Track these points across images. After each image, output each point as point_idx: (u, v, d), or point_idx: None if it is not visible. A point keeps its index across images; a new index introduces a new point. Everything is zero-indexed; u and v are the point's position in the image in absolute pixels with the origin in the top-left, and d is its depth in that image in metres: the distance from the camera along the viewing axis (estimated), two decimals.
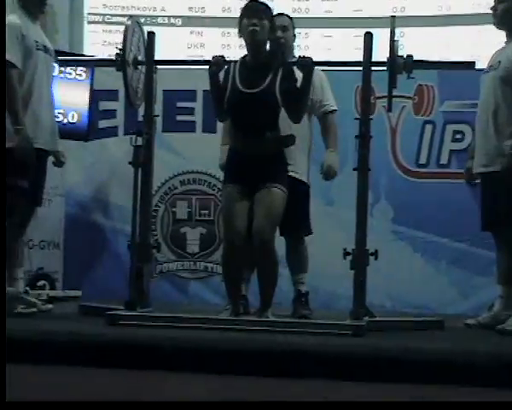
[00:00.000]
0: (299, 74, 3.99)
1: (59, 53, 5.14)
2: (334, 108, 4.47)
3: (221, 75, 4.00)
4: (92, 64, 5.35)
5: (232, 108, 3.96)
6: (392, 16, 4.04)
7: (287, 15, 4.49)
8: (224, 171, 4.07)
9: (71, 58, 5.33)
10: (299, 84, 3.95)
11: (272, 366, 3.25)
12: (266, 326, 3.80)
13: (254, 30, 3.88)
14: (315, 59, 3.98)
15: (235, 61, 3.99)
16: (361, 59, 4.02)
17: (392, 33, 3.95)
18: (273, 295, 4.00)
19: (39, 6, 4.39)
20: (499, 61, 4.18)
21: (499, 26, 4.27)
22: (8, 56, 4.12)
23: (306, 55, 3.99)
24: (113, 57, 4.17)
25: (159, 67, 4.35)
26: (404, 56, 3.98)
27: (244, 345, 3.45)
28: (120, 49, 4.16)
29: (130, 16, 4.38)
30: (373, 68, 4.03)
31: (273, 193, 3.88)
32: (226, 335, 3.66)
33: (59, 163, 4.59)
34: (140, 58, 4.29)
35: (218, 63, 3.97)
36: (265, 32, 3.93)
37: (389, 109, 4.14)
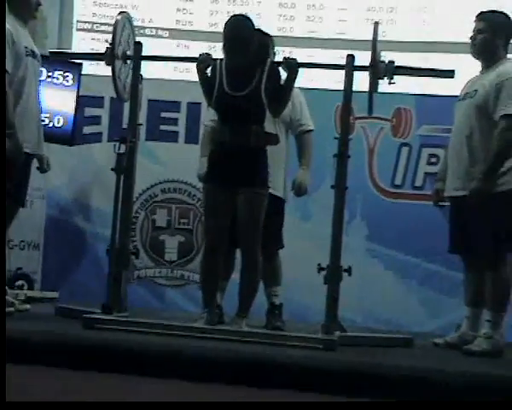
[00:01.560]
0: (283, 74, 4.03)
1: (47, 57, 5.13)
2: (311, 127, 4.48)
3: (208, 71, 4.02)
4: (82, 57, 5.28)
5: (219, 108, 4.01)
6: (375, 22, 4.02)
7: (266, 34, 4.47)
8: (207, 166, 4.05)
9: (62, 51, 5.33)
10: (282, 82, 4.00)
11: (243, 376, 3.23)
12: (239, 336, 3.78)
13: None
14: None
15: (221, 59, 4.00)
16: (343, 79, 4.03)
17: (375, 38, 3.95)
18: (251, 303, 4.01)
19: (31, 12, 4.34)
20: (475, 90, 4.17)
21: (476, 55, 4.27)
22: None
23: (291, 57, 4.04)
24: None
25: (144, 76, 4.33)
26: (386, 62, 3.99)
27: (217, 354, 3.42)
28: (110, 43, 4.13)
29: (121, 12, 4.33)
30: (353, 89, 4.04)
31: (256, 200, 3.92)
32: (200, 343, 3.63)
33: (42, 169, 4.54)
34: (129, 53, 4.25)
35: (204, 61, 4.01)
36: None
37: (370, 112, 4.13)
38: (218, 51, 4.10)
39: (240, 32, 3.89)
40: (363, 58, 4.08)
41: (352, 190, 4.34)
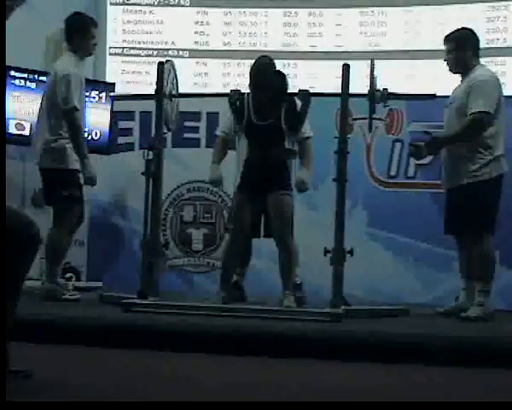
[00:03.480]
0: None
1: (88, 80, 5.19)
2: (311, 134, 4.51)
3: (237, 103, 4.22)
4: (137, 98, 5.36)
5: (249, 134, 4.22)
6: (371, 59, 4.08)
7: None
8: (240, 177, 4.25)
9: (121, 94, 5.40)
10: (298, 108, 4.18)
11: (262, 347, 3.23)
12: (258, 313, 3.79)
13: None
14: (301, 86, 4.21)
15: (248, 93, 4.17)
16: (340, 85, 4.05)
17: (372, 71, 4.03)
18: (292, 281, 4.15)
19: (89, 51, 4.53)
20: (455, 98, 4.21)
21: (454, 71, 4.28)
22: (75, 102, 4.25)
23: (304, 89, 4.21)
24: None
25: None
26: (381, 90, 4.05)
27: (236, 329, 3.44)
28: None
29: (167, 61, 4.37)
30: (352, 92, 4.06)
31: (284, 200, 4.12)
32: (221, 320, 3.65)
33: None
34: (174, 92, 4.30)
35: (234, 95, 4.21)
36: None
37: (370, 129, 4.23)
38: (231, 66, 4.14)
39: (263, 74, 4.08)
40: (356, 66, 4.08)
41: (354, 182, 4.36)
